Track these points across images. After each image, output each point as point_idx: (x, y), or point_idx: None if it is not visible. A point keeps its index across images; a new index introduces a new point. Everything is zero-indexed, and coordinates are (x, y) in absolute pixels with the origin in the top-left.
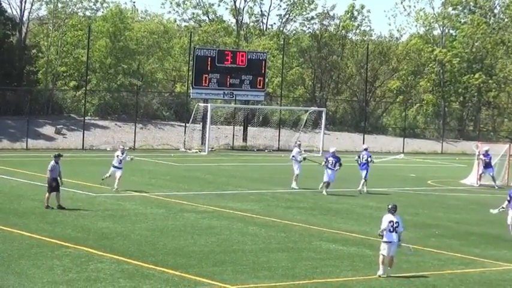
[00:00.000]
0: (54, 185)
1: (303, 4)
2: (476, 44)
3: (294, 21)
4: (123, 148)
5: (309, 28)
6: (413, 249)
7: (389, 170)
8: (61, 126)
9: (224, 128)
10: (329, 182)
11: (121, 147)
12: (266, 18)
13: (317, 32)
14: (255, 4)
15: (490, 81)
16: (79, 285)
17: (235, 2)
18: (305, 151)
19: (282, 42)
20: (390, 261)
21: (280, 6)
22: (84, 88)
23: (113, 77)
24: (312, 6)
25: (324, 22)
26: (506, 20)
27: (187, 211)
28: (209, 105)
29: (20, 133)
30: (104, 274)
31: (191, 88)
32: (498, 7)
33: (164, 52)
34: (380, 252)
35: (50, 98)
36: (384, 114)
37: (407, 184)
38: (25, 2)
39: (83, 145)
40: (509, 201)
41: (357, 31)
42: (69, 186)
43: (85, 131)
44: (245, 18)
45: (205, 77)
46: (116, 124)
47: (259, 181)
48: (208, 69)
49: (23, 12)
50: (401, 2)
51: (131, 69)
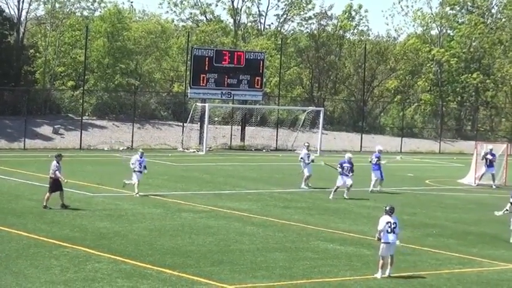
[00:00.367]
0: (58, 185)
1: (301, 4)
2: (473, 44)
3: (292, 21)
4: (142, 152)
5: (307, 28)
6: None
7: (387, 170)
8: (59, 126)
9: (222, 128)
10: (339, 187)
11: (140, 151)
12: (264, 18)
13: (315, 32)
14: (253, 4)
15: (488, 80)
16: (77, 285)
17: (232, 2)
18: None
19: (280, 42)
20: (391, 261)
21: (278, 6)
22: (81, 88)
23: (111, 77)
24: (310, 6)
25: (322, 22)
26: (503, 20)
27: (184, 211)
28: (207, 105)
29: (18, 133)
30: (102, 274)
31: (189, 88)
32: (495, 7)
33: (162, 52)
34: (379, 253)
35: (48, 98)
36: (382, 114)
37: (405, 184)
38: (23, 2)
39: (81, 145)
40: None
41: (355, 31)
42: (66, 186)
43: (83, 131)
44: (243, 18)
45: (203, 77)
46: (114, 124)
47: (257, 181)
48: (206, 69)
49: (21, 12)
50: (399, 2)
51: (129, 69)
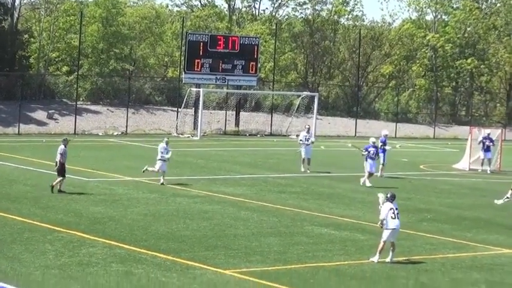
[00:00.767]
0: (64, 169)
1: None
2: (468, 29)
3: (286, 6)
4: (167, 140)
5: (301, 13)
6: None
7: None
8: (53, 111)
9: (216, 113)
10: (371, 173)
11: (165, 139)
12: (258, 3)
13: (309, 17)
14: None
15: (483, 66)
16: (71, 269)
17: None
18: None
19: (274, 27)
20: (392, 247)
21: None
22: (76, 73)
23: (105, 62)
24: None
25: (316, 7)
26: (498, 5)
27: (179, 196)
28: (201, 90)
29: (12, 118)
30: (96, 259)
31: (183, 73)
32: None
33: (156, 37)
34: (382, 239)
35: (42, 83)
36: (376, 99)
37: (399, 169)
38: None
39: (75, 130)
40: None
41: (349, 16)
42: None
43: (77, 116)
44: (237, 3)
45: (197, 62)
46: (108, 109)
47: (251, 166)
48: (200, 54)
49: None
50: None
51: (123, 54)
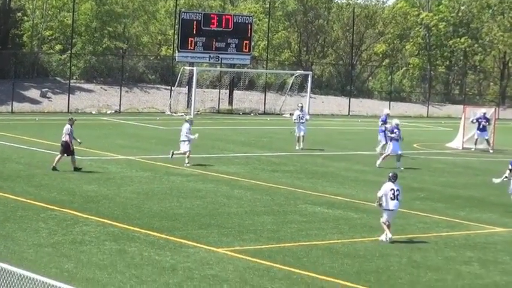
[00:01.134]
0: (72, 149)
1: None
2: (462, 8)
3: None
4: (192, 119)
5: None
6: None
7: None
8: (46, 89)
9: (210, 92)
10: (400, 154)
11: (189, 118)
12: None
13: None
14: None
15: (476, 45)
16: (64, 247)
17: None
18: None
19: (268, 5)
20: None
21: None
22: (69, 51)
23: (99, 41)
24: None
25: None
26: None
27: (172, 174)
28: (195, 68)
29: (5, 96)
30: (90, 237)
31: (177, 51)
32: None
33: (150, 15)
34: (381, 220)
35: (36, 61)
36: (370, 78)
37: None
38: None
39: (68, 108)
40: (510, 170)
41: None
42: (54, 149)
43: (70, 94)
44: None
45: (191, 41)
46: (102, 87)
47: (245, 144)
48: (194, 32)
49: None
50: None
51: (117, 32)
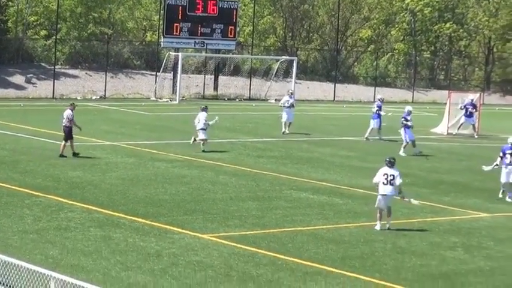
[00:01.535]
0: (71, 133)
1: None
2: None
3: None
4: (207, 107)
5: None
6: (420, 203)
7: (360, 119)
8: (31, 75)
9: (195, 77)
10: (413, 141)
11: (205, 107)
12: None
13: None
14: None
15: (461, 30)
16: (49, 234)
17: None
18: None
19: None
20: (388, 212)
21: None
22: (54, 37)
23: (84, 26)
24: None
25: None
26: None
27: (158, 160)
28: (180, 54)
29: None
30: (75, 223)
31: (162, 37)
32: None
33: (135, 1)
34: (375, 205)
35: (20, 47)
36: (355, 63)
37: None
38: None
39: (53, 94)
40: (501, 157)
41: None
42: (39, 135)
43: (55, 80)
44: None
45: (176, 26)
46: (87, 73)
47: (230, 130)
48: (179, 18)
49: None
50: None
51: (102, 18)
